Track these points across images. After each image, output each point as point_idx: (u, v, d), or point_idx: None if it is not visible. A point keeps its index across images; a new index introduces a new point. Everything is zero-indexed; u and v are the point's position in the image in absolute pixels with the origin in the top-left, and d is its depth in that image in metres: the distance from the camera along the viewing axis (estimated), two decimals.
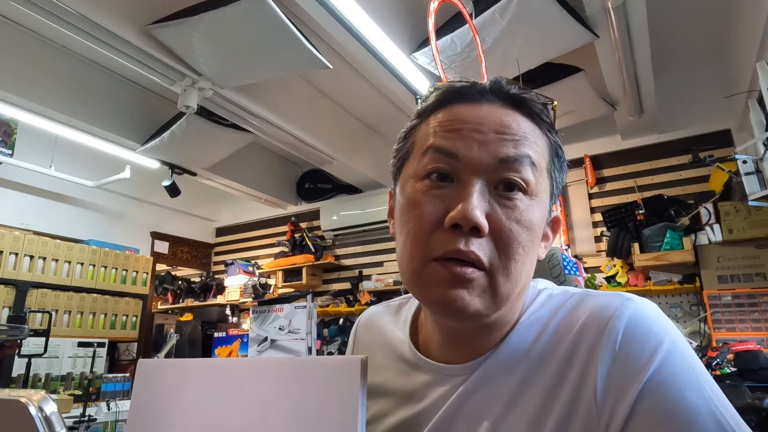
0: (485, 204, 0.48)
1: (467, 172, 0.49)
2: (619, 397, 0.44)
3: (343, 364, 0.49)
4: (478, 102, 0.53)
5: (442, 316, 0.54)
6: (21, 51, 3.11)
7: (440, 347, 0.58)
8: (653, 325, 0.47)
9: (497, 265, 0.48)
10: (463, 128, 0.51)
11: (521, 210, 0.49)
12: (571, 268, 0.90)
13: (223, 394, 0.53)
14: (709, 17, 3.14)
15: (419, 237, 0.50)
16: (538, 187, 0.51)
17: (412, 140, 0.56)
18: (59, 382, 3.63)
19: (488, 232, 0.48)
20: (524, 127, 0.52)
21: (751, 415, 2.12)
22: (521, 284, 0.51)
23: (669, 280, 3.38)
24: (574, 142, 4.08)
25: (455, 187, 0.50)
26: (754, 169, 2.77)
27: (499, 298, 0.49)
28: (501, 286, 0.49)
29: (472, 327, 0.53)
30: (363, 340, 0.73)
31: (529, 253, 0.51)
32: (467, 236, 0.47)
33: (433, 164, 0.51)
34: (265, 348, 3.22)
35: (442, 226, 0.48)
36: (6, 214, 3.98)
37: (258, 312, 3.32)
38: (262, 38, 2.40)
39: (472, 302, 0.48)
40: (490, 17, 2.38)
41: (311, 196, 5.23)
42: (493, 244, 0.48)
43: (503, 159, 0.49)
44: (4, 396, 0.60)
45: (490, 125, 0.51)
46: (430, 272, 0.49)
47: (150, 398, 0.57)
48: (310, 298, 3.28)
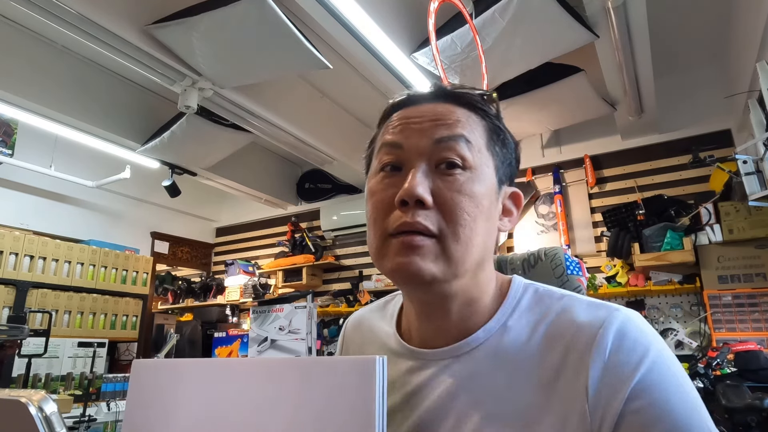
0: (428, 181, 0.55)
1: (411, 158, 0.57)
2: (609, 402, 0.47)
3: (359, 364, 0.47)
4: (420, 103, 0.61)
5: (403, 284, 0.58)
6: (21, 51, 3.11)
7: (418, 331, 0.62)
8: (639, 335, 0.51)
9: (446, 230, 0.54)
10: (406, 124, 0.59)
11: (461, 182, 0.55)
12: (574, 268, 0.90)
13: (226, 395, 0.51)
14: (709, 17, 3.14)
15: (378, 219, 0.57)
16: (476, 162, 0.57)
17: (374, 146, 0.64)
18: (59, 382, 3.63)
19: (434, 204, 0.54)
20: (458, 113, 0.59)
21: (751, 415, 2.12)
22: (475, 250, 0.55)
23: (669, 280, 3.38)
24: (575, 142, 4.08)
25: (403, 174, 0.57)
26: (754, 169, 2.77)
27: (453, 262, 0.54)
28: (453, 250, 0.54)
29: (437, 296, 0.57)
30: (352, 339, 0.76)
31: (477, 219, 0.55)
32: (413, 209, 0.53)
33: (385, 158, 0.59)
34: (265, 348, 3.22)
35: (394, 207, 0.55)
36: (6, 214, 3.98)
37: (258, 312, 3.32)
38: (262, 38, 2.40)
39: (426, 266, 0.53)
40: (490, 17, 2.38)
41: (311, 196, 5.23)
42: (440, 214, 0.54)
43: (438, 139, 0.56)
44: (4, 396, 0.60)
45: (428, 116, 0.59)
46: (388, 246, 0.55)
47: (145, 399, 0.56)
48: (310, 298, 3.28)
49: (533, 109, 3.62)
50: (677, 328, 3.39)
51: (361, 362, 0.47)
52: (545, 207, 4.09)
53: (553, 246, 0.96)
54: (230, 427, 0.50)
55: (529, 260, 0.95)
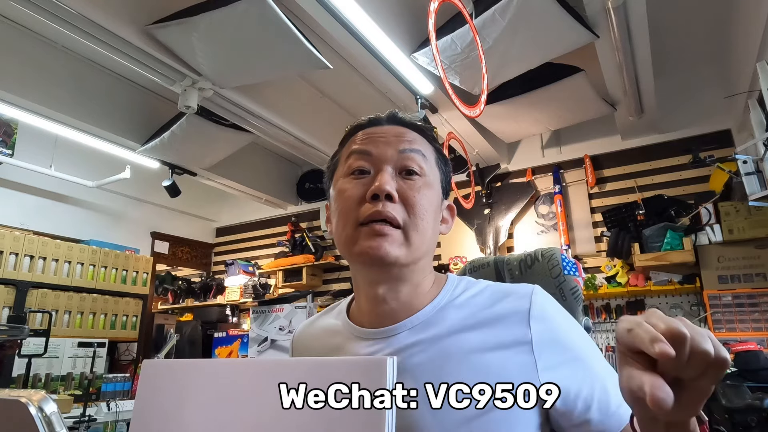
0: (394, 182, 0.67)
1: (379, 163, 0.69)
2: (544, 344, 0.62)
3: (368, 364, 0.48)
4: (382, 124, 0.75)
5: (370, 265, 0.67)
6: (21, 51, 3.11)
7: (369, 316, 0.71)
8: (551, 299, 0.69)
9: (408, 222, 0.66)
10: (372, 137, 0.72)
11: (419, 185, 0.69)
12: (570, 268, 0.90)
13: (236, 396, 0.51)
14: (709, 17, 3.14)
15: (350, 210, 0.67)
16: (429, 173, 0.71)
17: (337, 158, 0.76)
18: (59, 382, 3.63)
19: (399, 200, 0.66)
20: (413, 135, 0.73)
21: (751, 415, 2.12)
22: (428, 240, 0.69)
23: (669, 280, 3.38)
24: (575, 142, 4.08)
25: (372, 176, 0.69)
26: (754, 170, 2.77)
27: (413, 248, 0.66)
28: (413, 238, 0.66)
29: (393, 278, 0.67)
30: (297, 346, 0.85)
31: (430, 215, 0.69)
32: (384, 202, 0.65)
33: (355, 163, 0.70)
34: (265, 348, 3.22)
35: (365, 201, 0.66)
36: (6, 214, 3.98)
37: (258, 312, 3.32)
38: (263, 38, 2.40)
39: (391, 250, 0.64)
40: (490, 17, 2.38)
41: (311, 196, 5.23)
42: (403, 208, 0.66)
43: (402, 150, 0.70)
44: (4, 396, 0.60)
45: (391, 133, 0.72)
46: (359, 234, 0.66)
47: (155, 399, 0.56)
48: (310, 298, 3.28)
49: (533, 109, 3.62)
50: None
51: (371, 362, 0.47)
52: (545, 207, 4.09)
53: (550, 246, 0.96)
54: (239, 427, 0.50)
55: (526, 261, 0.95)
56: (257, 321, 3.30)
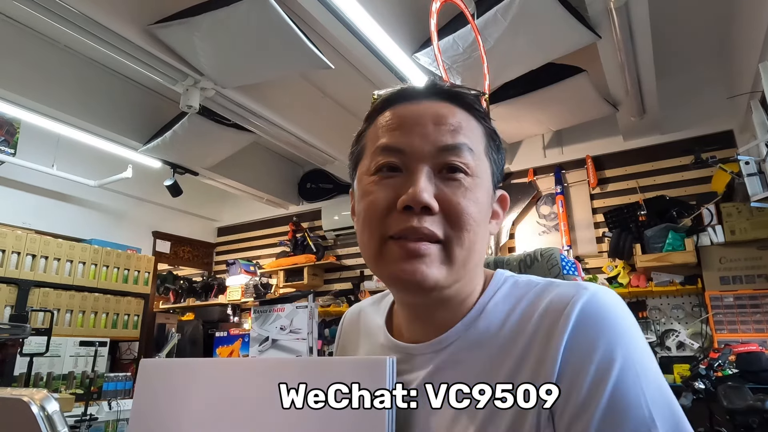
0: (432, 187, 0.54)
1: (413, 162, 0.55)
2: (573, 382, 0.48)
3: (368, 364, 0.47)
4: (417, 100, 0.58)
5: (404, 291, 0.56)
6: (24, 50, 3.11)
7: (408, 328, 0.62)
8: (602, 315, 0.50)
9: (451, 236, 0.53)
10: (405, 124, 0.56)
11: (466, 186, 0.55)
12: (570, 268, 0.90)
13: (234, 395, 0.51)
14: (711, 17, 3.14)
15: (374, 220, 0.55)
16: (477, 169, 0.56)
17: (363, 142, 0.62)
18: (61, 381, 3.64)
19: (439, 210, 0.53)
20: (459, 117, 0.57)
21: (753, 417, 2.11)
22: (476, 254, 0.56)
23: (671, 281, 3.37)
24: (576, 142, 4.08)
25: (404, 176, 0.55)
26: (756, 171, 2.76)
27: (456, 267, 0.54)
28: (456, 255, 0.53)
29: (434, 300, 0.56)
30: (347, 332, 0.77)
31: (480, 224, 0.55)
32: (419, 215, 0.52)
33: (382, 160, 0.56)
34: (266, 348, 3.22)
35: (395, 209, 0.53)
36: (8, 213, 3.99)
37: (259, 312, 3.32)
38: (264, 38, 2.40)
39: (430, 273, 0.52)
40: (492, 18, 2.37)
41: (313, 195, 5.23)
42: (444, 219, 0.53)
43: (443, 147, 0.55)
44: (6, 395, 0.60)
45: (428, 117, 0.56)
46: (388, 250, 0.54)
47: (153, 398, 0.56)
48: (311, 298, 3.28)
49: (535, 110, 3.62)
50: (679, 329, 3.39)
51: (371, 363, 0.47)
52: (547, 207, 4.08)
53: (549, 246, 0.96)
54: (237, 426, 0.50)
55: (525, 261, 0.95)
56: (258, 321, 3.31)
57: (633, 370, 0.47)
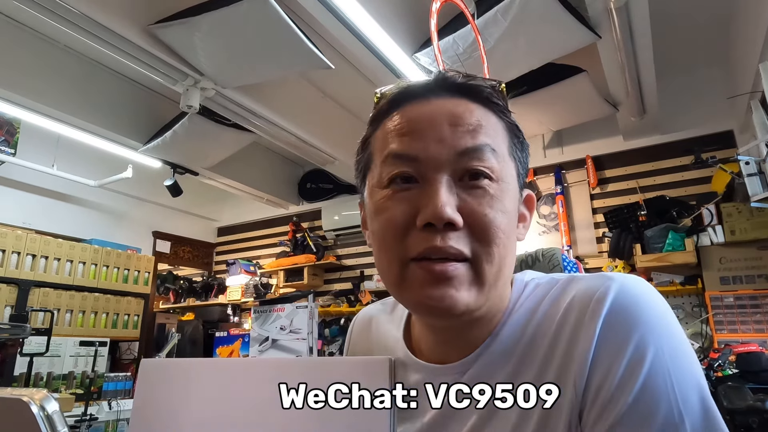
0: (454, 198, 0.48)
1: (430, 171, 0.48)
2: (603, 378, 0.45)
3: (369, 365, 0.47)
4: (427, 98, 0.52)
5: (430, 318, 0.53)
6: (24, 50, 3.11)
7: (432, 346, 0.57)
8: (632, 307, 0.47)
9: (480, 252, 0.47)
10: (417, 128, 0.50)
11: (492, 195, 0.48)
12: (572, 268, 0.90)
13: (234, 396, 0.51)
14: (711, 18, 3.14)
15: (392, 241, 0.49)
16: (502, 172, 0.50)
17: (370, 150, 0.55)
18: (61, 381, 3.64)
19: (464, 224, 0.47)
20: (477, 114, 0.51)
21: (753, 417, 2.11)
22: (507, 269, 0.51)
23: (671, 281, 3.37)
24: (576, 142, 4.08)
25: (421, 187, 0.49)
26: (756, 171, 2.76)
27: (486, 286, 0.49)
28: (486, 273, 0.48)
29: (462, 323, 0.52)
30: (358, 341, 0.73)
31: (510, 235, 0.50)
32: (443, 232, 0.46)
33: (395, 170, 0.50)
34: (266, 348, 3.22)
35: (415, 227, 0.48)
36: (9, 213, 3.99)
37: (259, 312, 3.32)
38: (265, 38, 2.40)
39: (460, 298, 0.47)
40: (492, 18, 2.37)
41: (313, 195, 5.23)
42: (471, 234, 0.48)
43: (462, 151, 0.48)
44: (5, 395, 0.60)
45: (443, 118, 0.50)
46: (411, 274, 0.48)
47: (153, 398, 0.56)
48: (311, 298, 3.28)
49: (535, 110, 3.62)
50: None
51: (371, 363, 0.47)
52: (547, 207, 4.08)
53: (551, 247, 0.96)
54: (237, 426, 0.50)
55: (526, 261, 0.95)
56: (258, 320, 3.31)
57: (664, 366, 0.44)
